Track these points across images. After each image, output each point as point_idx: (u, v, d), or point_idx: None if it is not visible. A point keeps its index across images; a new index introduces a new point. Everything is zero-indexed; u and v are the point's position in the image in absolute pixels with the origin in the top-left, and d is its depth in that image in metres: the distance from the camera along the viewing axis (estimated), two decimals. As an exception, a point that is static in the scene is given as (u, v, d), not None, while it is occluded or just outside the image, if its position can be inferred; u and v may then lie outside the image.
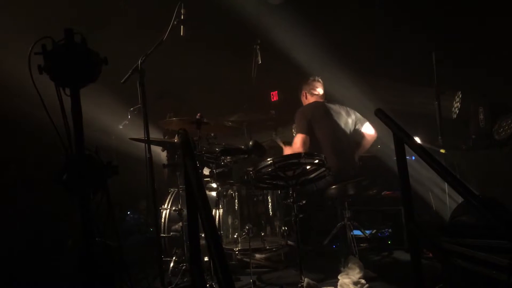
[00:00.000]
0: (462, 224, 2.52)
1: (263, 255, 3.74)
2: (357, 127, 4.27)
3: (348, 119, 4.22)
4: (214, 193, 3.78)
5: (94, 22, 4.80)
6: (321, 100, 4.27)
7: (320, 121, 4.04)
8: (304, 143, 3.94)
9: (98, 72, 1.69)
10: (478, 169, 4.20)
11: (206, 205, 1.61)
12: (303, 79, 4.43)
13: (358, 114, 4.33)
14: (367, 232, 4.16)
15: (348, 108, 4.31)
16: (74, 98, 1.65)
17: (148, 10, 5.27)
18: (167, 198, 4.07)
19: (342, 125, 4.15)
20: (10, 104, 4.22)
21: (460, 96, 4.83)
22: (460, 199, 3.51)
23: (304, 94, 4.37)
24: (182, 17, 3.09)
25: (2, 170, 4.00)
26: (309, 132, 3.98)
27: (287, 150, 4.20)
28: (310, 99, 4.31)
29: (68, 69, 1.63)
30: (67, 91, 1.67)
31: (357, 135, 4.30)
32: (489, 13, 4.81)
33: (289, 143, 4.26)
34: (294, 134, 4.31)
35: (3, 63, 3.84)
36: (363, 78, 5.47)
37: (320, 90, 4.32)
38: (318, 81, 4.35)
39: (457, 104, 4.86)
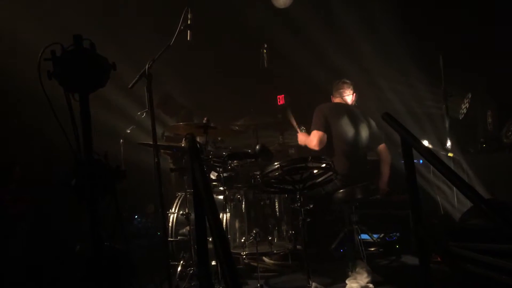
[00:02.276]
0: (471, 228, 2.50)
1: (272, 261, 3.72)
2: (371, 141, 4.17)
3: (366, 127, 4.12)
4: (221, 197, 3.79)
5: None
6: (343, 102, 4.18)
7: (336, 121, 3.95)
8: (320, 141, 3.86)
9: (106, 77, 1.71)
10: (487, 172, 4.17)
11: (214, 209, 1.61)
12: (333, 81, 4.34)
13: (377, 130, 4.24)
14: (375, 236, 4.14)
15: (369, 118, 4.22)
16: (83, 103, 1.66)
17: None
18: (174, 202, 4.08)
19: (358, 130, 4.05)
20: (18, 108, 4.27)
21: (470, 97, 4.79)
22: (469, 203, 3.49)
23: (332, 96, 4.29)
24: (189, 22, 3.10)
25: (7, 173, 4.02)
26: (327, 130, 3.91)
27: (301, 138, 4.13)
28: (334, 100, 4.25)
29: (77, 75, 1.65)
30: (76, 96, 1.69)
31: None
32: (499, 15, 4.78)
33: (305, 131, 4.20)
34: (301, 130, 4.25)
35: (13, 66, 3.89)
36: (369, 80, 5.47)
37: (346, 93, 4.19)
38: (345, 82, 4.22)
39: (465, 105, 4.83)
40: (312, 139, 3.91)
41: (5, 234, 3.64)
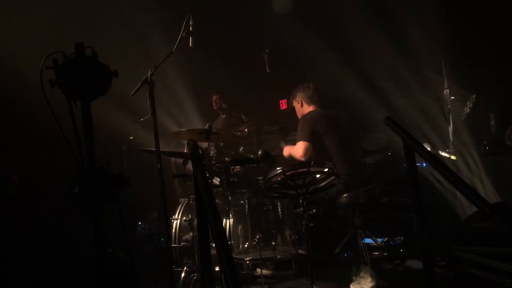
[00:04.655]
0: (475, 232, 2.49)
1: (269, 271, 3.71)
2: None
3: (348, 129, 4.19)
4: (224, 202, 3.79)
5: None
6: (319, 108, 4.20)
7: (327, 131, 3.97)
8: (306, 150, 3.87)
9: (108, 85, 1.72)
10: (490, 175, 4.15)
11: (216, 215, 1.62)
12: (297, 86, 4.31)
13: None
14: (379, 240, 4.12)
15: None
16: (85, 111, 1.67)
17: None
18: (177, 208, 4.08)
19: (345, 131, 4.12)
20: (21, 114, 4.28)
21: (474, 98, 4.77)
22: (473, 206, 3.47)
23: (300, 101, 4.24)
24: (190, 29, 3.12)
25: (5, 182, 4.03)
26: (313, 140, 3.91)
27: (286, 149, 4.15)
28: (307, 108, 4.21)
29: (79, 83, 1.66)
30: (78, 103, 1.70)
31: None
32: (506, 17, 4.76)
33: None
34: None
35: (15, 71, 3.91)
36: (371, 82, 5.46)
37: (316, 98, 4.21)
38: (313, 88, 4.23)
39: (468, 106, 4.81)
40: (297, 149, 3.91)
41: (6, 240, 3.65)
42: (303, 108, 4.25)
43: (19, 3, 4.47)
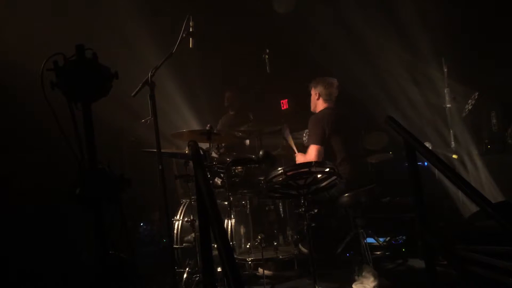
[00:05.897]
0: (478, 231, 2.48)
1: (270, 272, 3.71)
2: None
3: (356, 129, 4.17)
4: (225, 203, 3.78)
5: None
6: (333, 106, 4.15)
7: (334, 129, 3.92)
8: (319, 154, 3.83)
9: (109, 86, 1.72)
10: (492, 174, 4.14)
11: (218, 215, 1.61)
12: (321, 78, 4.20)
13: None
14: (381, 239, 4.11)
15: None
16: (86, 113, 1.67)
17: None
18: (179, 209, 4.08)
19: (353, 132, 4.10)
20: (17, 115, 4.28)
21: (476, 97, 4.76)
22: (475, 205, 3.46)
23: (317, 94, 4.16)
24: (190, 30, 3.12)
25: (5, 184, 4.01)
26: (324, 142, 3.88)
27: (299, 158, 4.14)
28: (322, 104, 4.14)
29: (80, 85, 1.66)
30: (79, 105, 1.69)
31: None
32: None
33: (302, 147, 4.18)
34: (305, 140, 4.25)
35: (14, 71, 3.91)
36: (372, 80, 5.45)
37: (334, 96, 4.14)
38: (335, 86, 4.16)
39: (470, 103, 4.79)
40: (310, 153, 3.88)
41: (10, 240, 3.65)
42: (318, 102, 4.16)
43: (19, 4, 4.47)
